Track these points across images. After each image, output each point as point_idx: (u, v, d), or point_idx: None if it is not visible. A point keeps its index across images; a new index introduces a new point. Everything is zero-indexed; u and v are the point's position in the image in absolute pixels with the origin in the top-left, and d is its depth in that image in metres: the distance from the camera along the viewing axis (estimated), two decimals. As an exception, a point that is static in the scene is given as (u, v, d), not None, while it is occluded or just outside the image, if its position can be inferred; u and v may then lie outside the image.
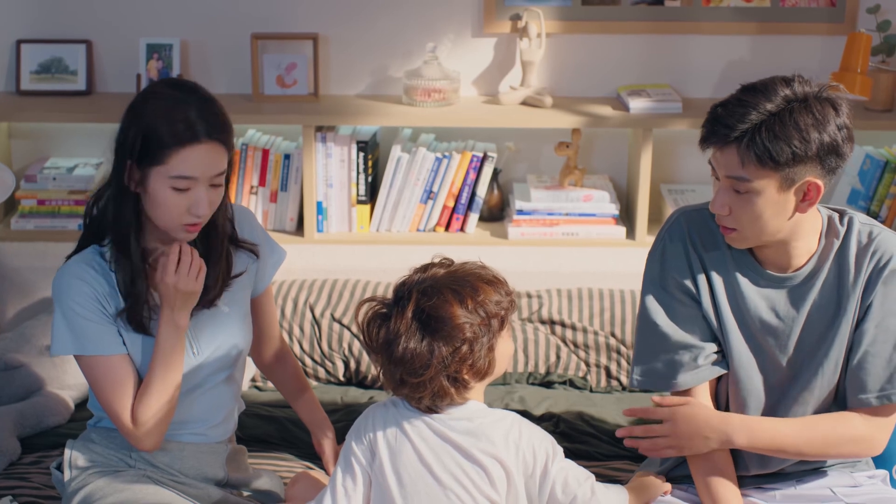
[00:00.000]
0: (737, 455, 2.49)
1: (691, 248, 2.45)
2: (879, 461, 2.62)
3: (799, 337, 2.42)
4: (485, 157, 3.81)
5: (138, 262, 2.41)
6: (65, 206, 3.82)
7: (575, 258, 3.79)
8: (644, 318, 2.49)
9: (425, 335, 2.18)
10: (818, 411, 2.44)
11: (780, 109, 2.25)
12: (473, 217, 3.85)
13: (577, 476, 2.31)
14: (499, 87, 3.94)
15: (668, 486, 2.50)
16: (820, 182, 2.29)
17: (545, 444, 2.30)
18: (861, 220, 2.42)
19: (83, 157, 3.94)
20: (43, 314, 3.44)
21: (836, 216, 2.43)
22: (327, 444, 2.70)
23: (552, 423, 3.08)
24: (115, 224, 2.41)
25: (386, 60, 3.92)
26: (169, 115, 2.33)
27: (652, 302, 2.47)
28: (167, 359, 2.41)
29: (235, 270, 2.53)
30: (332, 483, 2.29)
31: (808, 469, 2.51)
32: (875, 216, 3.86)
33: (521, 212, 3.83)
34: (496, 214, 3.95)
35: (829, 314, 2.40)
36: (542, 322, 3.48)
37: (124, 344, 2.43)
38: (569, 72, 3.94)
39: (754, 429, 2.40)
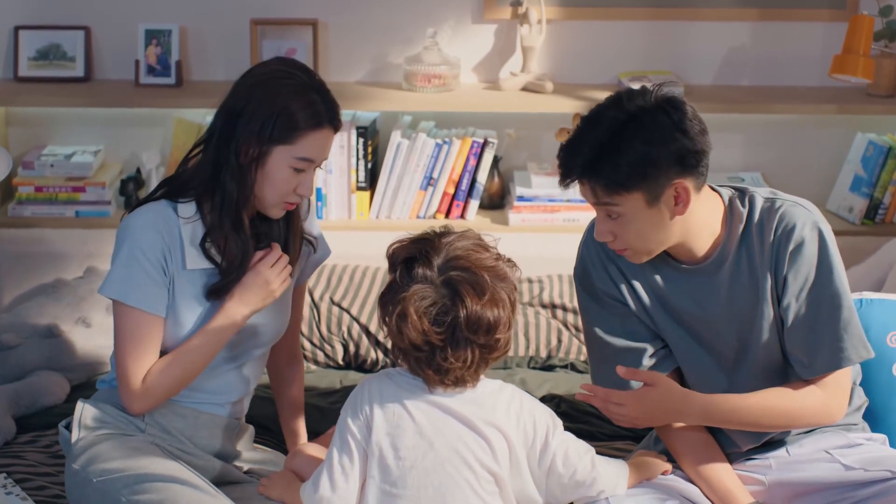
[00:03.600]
0: (726, 434, 2.47)
1: (606, 257, 2.46)
2: (875, 426, 2.60)
3: (728, 322, 2.41)
4: (485, 144, 3.79)
5: (249, 231, 2.44)
6: (62, 192, 3.81)
7: (576, 244, 3.74)
8: (587, 331, 2.52)
9: (497, 291, 2.17)
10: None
11: (611, 136, 2.24)
12: (474, 204, 3.83)
13: (577, 449, 2.28)
14: (499, 73, 3.92)
15: (668, 465, 2.48)
16: (688, 183, 2.27)
17: (545, 416, 2.27)
18: (763, 196, 2.41)
19: (81, 144, 3.92)
20: (40, 297, 3.42)
21: (736, 196, 2.41)
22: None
23: (553, 403, 3.06)
24: (229, 198, 2.41)
25: (386, 47, 3.91)
26: (304, 98, 2.38)
27: (588, 314, 2.50)
28: (207, 346, 2.42)
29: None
30: (328, 462, 2.25)
31: (799, 434, 2.49)
32: (878, 203, 3.84)
33: (521, 198, 3.81)
34: (496, 202, 3.93)
35: (750, 295, 2.38)
36: (544, 306, 3.46)
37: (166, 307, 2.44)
38: (569, 58, 3.92)
39: (711, 407, 2.38)
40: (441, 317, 2.15)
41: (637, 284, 2.44)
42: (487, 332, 2.16)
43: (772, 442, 2.49)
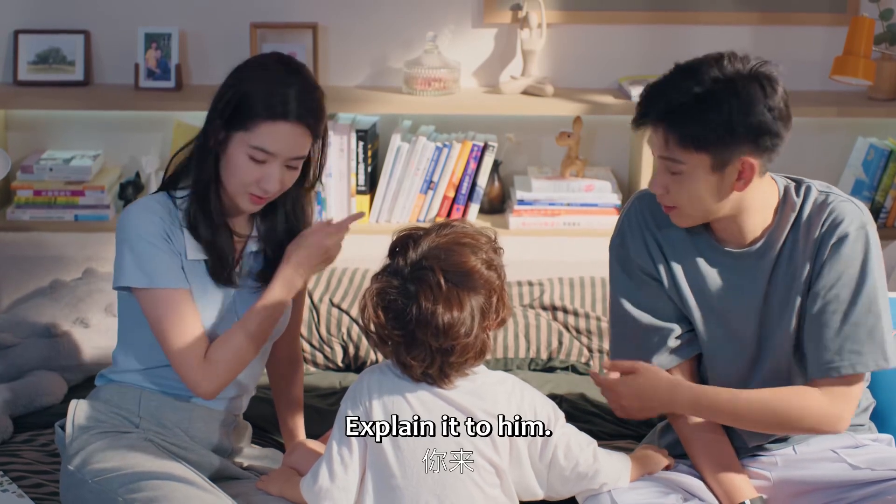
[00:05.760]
0: (733, 430, 2.45)
1: (648, 232, 2.44)
2: (881, 426, 2.58)
3: (762, 311, 2.39)
4: (485, 147, 3.78)
5: (218, 218, 2.43)
6: (61, 196, 3.80)
7: (577, 248, 3.75)
8: (613, 305, 2.49)
9: (460, 294, 2.13)
10: (789, 384, 2.40)
11: (704, 91, 2.23)
12: (474, 207, 3.82)
13: (579, 441, 2.27)
14: (499, 77, 3.92)
15: (671, 460, 2.46)
16: (755, 161, 2.27)
17: (546, 408, 2.26)
18: (818, 188, 2.39)
19: (80, 148, 3.91)
20: (38, 297, 3.41)
21: (792, 187, 2.40)
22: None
23: (555, 402, 3.03)
24: (196, 179, 2.42)
25: (386, 51, 3.90)
26: (269, 88, 2.36)
27: (618, 288, 2.47)
28: (267, 313, 2.41)
29: None
30: (327, 454, 2.23)
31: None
32: (880, 207, 3.83)
33: (522, 202, 3.80)
34: (497, 207, 3.92)
35: (786, 285, 2.37)
36: (544, 308, 3.44)
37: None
38: (570, 63, 3.91)
39: (701, 399, 2.36)
40: (399, 313, 2.14)
41: (676, 263, 2.41)
42: (437, 334, 2.12)
43: (779, 440, 2.47)
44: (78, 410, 2.46)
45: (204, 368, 2.39)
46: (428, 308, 2.12)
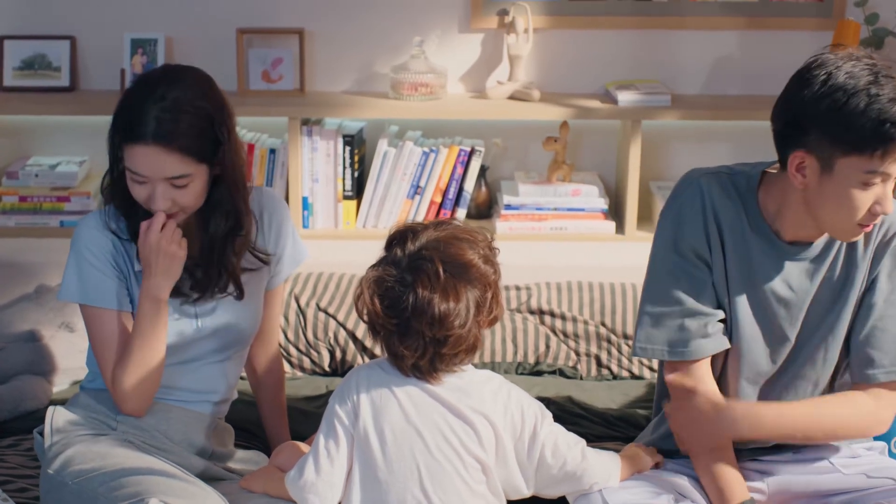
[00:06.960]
0: None
1: (712, 218, 2.36)
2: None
3: (808, 309, 2.37)
4: (472, 152, 3.77)
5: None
6: (46, 202, 3.78)
7: (564, 253, 3.75)
8: (654, 280, 2.39)
9: (457, 285, 2.14)
10: (819, 385, 2.40)
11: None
12: (461, 212, 3.81)
13: (567, 440, 2.26)
14: (486, 82, 3.92)
15: (659, 457, 2.46)
16: None
17: (533, 407, 2.25)
18: None
19: (66, 154, 3.90)
20: (23, 302, 3.39)
21: None
22: None
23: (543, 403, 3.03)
24: (113, 198, 2.41)
25: (372, 56, 3.90)
26: (129, 109, 2.31)
27: (664, 265, 2.38)
28: (146, 334, 2.37)
29: (249, 265, 2.51)
30: (314, 448, 2.23)
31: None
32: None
33: (509, 206, 3.79)
34: (484, 212, 3.91)
35: (837, 286, 2.35)
36: (532, 312, 3.44)
37: (131, 302, 2.42)
38: (557, 68, 3.92)
39: (759, 417, 2.33)
40: (395, 301, 2.14)
41: (731, 249, 2.35)
42: (432, 323, 2.13)
43: (777, 446, 2.46)
44: (56, 416, 2.45)
45: (114, 392, 2.40)
46: (425, 296, 2.12)
